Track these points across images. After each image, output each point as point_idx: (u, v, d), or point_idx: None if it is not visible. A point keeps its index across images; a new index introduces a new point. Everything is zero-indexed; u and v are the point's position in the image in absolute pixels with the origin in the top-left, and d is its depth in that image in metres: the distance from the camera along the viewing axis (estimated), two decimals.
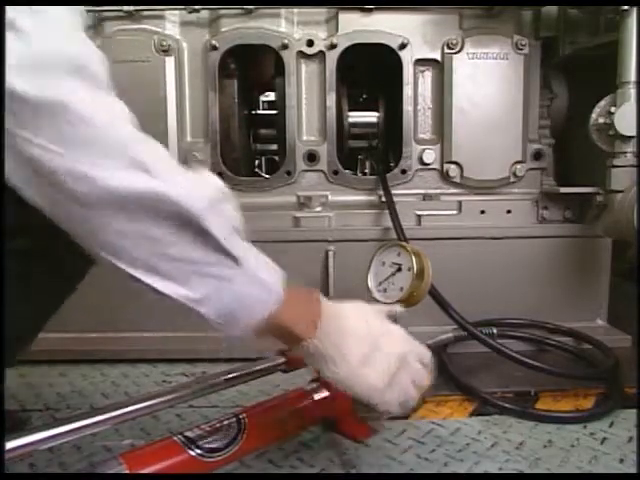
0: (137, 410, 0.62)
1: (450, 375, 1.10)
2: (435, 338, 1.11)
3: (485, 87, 1.32)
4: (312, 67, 1.35)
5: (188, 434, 0.69)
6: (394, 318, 0.93)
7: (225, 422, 0.73)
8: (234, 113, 1.40)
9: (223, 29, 1.32)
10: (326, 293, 1.29)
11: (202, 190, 0.53)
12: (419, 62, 1.34)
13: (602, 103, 1.17)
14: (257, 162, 1.61)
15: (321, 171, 1.36)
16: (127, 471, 0.61)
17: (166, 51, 1.29)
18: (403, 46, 1.31)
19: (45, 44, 0.47)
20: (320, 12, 1.34)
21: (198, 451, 0.67)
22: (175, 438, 0.68)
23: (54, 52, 0.47)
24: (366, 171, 1.46)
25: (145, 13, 1.30)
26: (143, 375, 1.17)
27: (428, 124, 1.37)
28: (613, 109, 1.12)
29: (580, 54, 1.32)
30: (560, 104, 1.43)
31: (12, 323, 0.57)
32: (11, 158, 0.47)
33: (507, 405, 0.98)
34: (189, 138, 1.36)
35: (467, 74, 1.31)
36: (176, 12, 1.31)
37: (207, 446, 0.69)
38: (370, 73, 1.52)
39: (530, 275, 1.33)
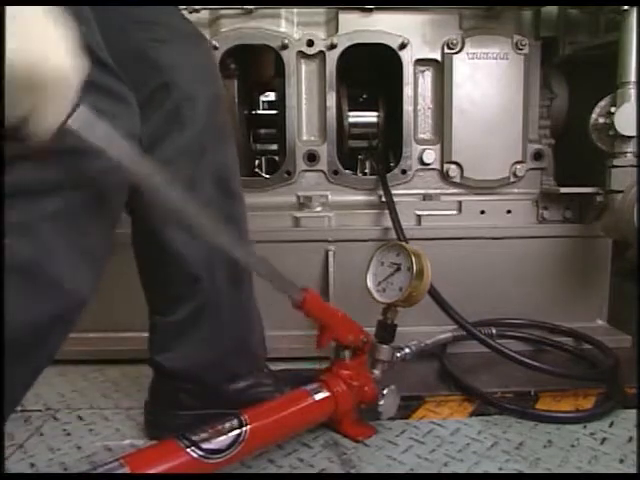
0: None
1: (450, 375, 1.10)
2: (433, 338, 1.11)
3: (485, 87, 1.32)
4: (312, 67, 1.35)
5: (190, 435, 0.69)
6: (394, 316, 0.94)
7: (227, 423, 0.73)
8: (234, 113, 1.40)
9: (223, 29, 1.31)
10: (326, 293, 1.29)
11: None
12: (419, 62, 1.34)
13: (602, 103, 1.17)
14: (257, 162, 1.61)
15: (321, 171, 1.36)
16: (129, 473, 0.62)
17: None
18: (403, 46, 1.31)
19: None
20: (320, 12, 1.34)
21: (200, 452, 0.68)
22: (177, 440, 0.68)
23: None
24: (366, 171, 1.46)
25: None
26: (144, 375, 1.17)
27: (428, 124, 1.37)
28: (613, 109, 1.12)
29: (580, 54, 1.32)
30: (560, 104, 1.43)
31: None
32: None
33: (507, 405, 0.98)
34: None
35: (467, 74, 1.31)
36: None
37: (209, 447, 0.69)
38: (370, 73, 1.52)
39: (530, 275, 1.32)
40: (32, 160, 0.53)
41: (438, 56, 1.33)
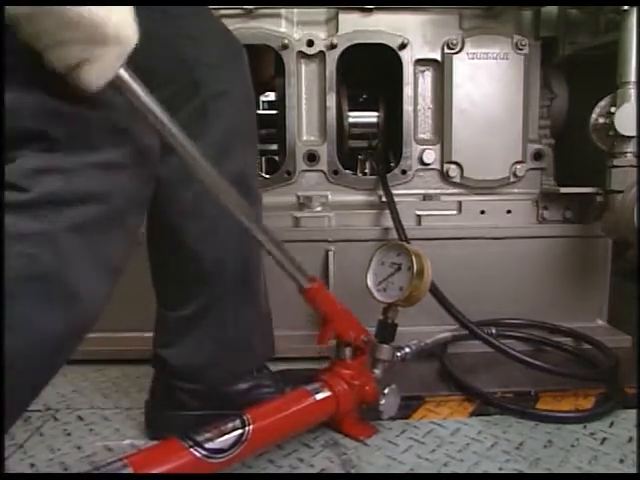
0: None
1: (450, 375, 1.10)
2: (433, 337, 1.10)
3: (485, 87, 1.32)
4: (312, 67, 1.35)
5: (193, 435, 0.69)
6: (394, 316, 0.94)
7: (229, 423, 0.73)
8: None
9: None
10: None
11: None
12: (419, 62, 1.34)
13: (602, 103, 1.17)
14: (257, 162, 1.61)
15: (321, 171, 1.36)
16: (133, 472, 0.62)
17: None
18: (403, 46, 1.31)
19: None
20: (320, 12, 1.33)
21: (203, 452, 0.68)
22: (180, 439, 0.68)
23: None
24: (366, 171, 1.46)
25: None
26: (144, 375, 1.17)
27: (428, 124, 1.37)
28: (613, 109, 1.12)
29: (580, 54, 1.32)
30: (560, 104, 1.43)
31: None
32: None
33: (507, 405, 0.99)
34: None
35: (467, 74, 1.31)
36: None
37: (212, 447, 0.69)
38: (370, 73, 1.52)
39: (530, 275, 1.33)
40: (59, 171, 0.55)
41: (438, 56, 1.33)
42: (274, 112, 1.46)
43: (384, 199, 1.30)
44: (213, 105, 0.83)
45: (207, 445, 0.68)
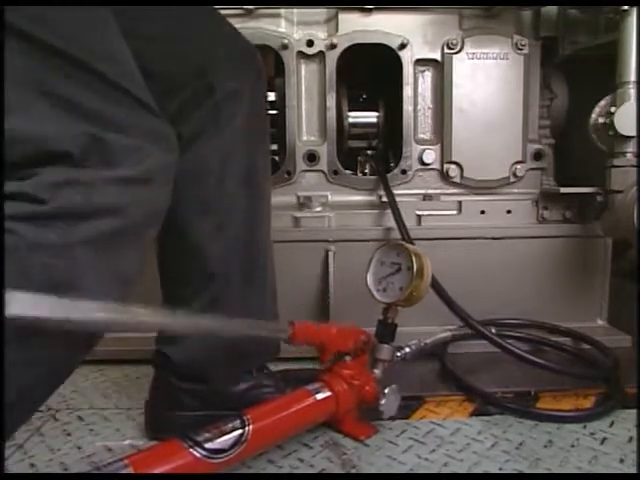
0: None
1: (451, 375, 1.10)
2: (433, 337, 1.10)
3: (485, 87, 1.32)
4: (312, 67, 1.35)
5: (193, 435, 0.69)
6: (394, 316, 0.94)
7: (229, 423, 0.73)
8: None
9: None
10: (326, 293, 1.29)
11: None
12: (419, 62, 1.34)
13: (602, 103, 1.17)
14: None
15: (321, 171, 1.36)
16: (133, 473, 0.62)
17: None
18: (403, 46, 1.31)
19: None
20: (320, 12, 1.33)
21: (203, 452, 0.68)
22: (180, 440, 0.68)
23: None
24: (366, 171, 1.46)
25: None
26: (144, 375, 1.17)
27: (428, 124, 1.37)
28: (613, 109, 1.12)
29: (580, 54, 1.32)
30: (560, 104, 1.43)
31: None
32: None
33: (508, 405, 0.98)
34: None
35: (467, 74, 1.31)
36: None
37: (212, 447, 0.69)
38: (370, 73, 1.52)
39: (530, 275, 1.33)
40: (78, 185, 0.56)
41: (438, 56, 1.33)
42: (274, 112, 1.46)
43: (384, 199, 1.30)
44: (226, 107, 0.84)
45: (207, 445, 0.68)
